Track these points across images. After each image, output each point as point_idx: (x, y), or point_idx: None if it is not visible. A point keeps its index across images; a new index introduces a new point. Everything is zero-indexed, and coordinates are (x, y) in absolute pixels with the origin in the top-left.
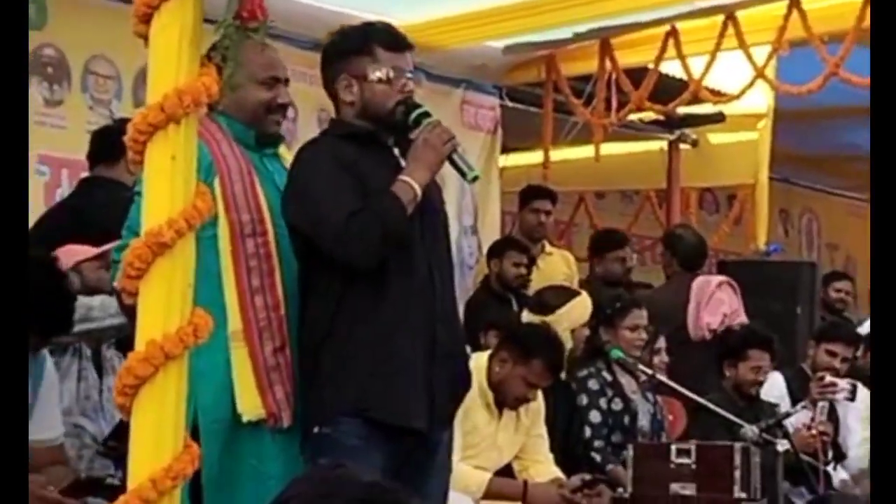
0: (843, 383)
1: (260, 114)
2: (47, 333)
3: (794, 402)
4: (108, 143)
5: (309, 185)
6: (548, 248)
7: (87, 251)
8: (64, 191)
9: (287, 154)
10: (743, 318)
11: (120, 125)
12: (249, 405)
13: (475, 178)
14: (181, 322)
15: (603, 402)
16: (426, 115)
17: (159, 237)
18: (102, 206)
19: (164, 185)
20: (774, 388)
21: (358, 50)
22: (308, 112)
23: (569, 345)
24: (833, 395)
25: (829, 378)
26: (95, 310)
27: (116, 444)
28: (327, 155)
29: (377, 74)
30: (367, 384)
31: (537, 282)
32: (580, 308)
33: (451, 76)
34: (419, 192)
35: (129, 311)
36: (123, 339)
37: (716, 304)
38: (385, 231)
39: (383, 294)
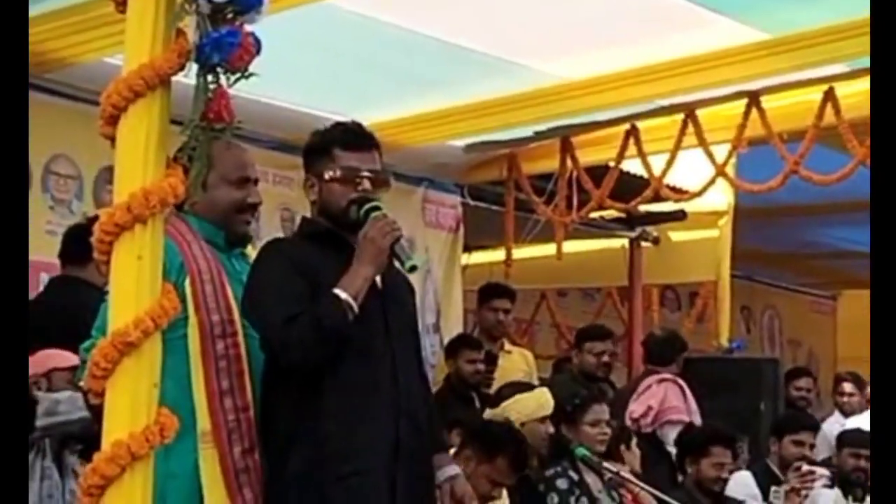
0: (822, 470)
1: (230, 213)
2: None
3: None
4: (79, 243)
5: (256, 286)
6: (507, 346)
7: (65, 359)
8: None
9: (253, 253)
10: (683, 416)
11: (91, 224)
12: None
13: (412, 269)
14: (147, 421)
15: (572, 501)
16: (375, 209)
17: (125, 336)
18: (72, 306)
19: (131, 284)
20: (746, 486)
21: (318, 150)
22: (270, 211)
23: None
24: (813, 482)
25: (806, 467)
26: (63, 403)
27: None
28: (279, 255)
29: (329, 174)
30: (330, 488)
31: (497, 380)
32: (528, 401)
33: (412, 174)
34: (350, 299)
35: (96, 412)
36: (87, 446)
37: (647, 397)
38: (321, 336)
39: (344, 392)
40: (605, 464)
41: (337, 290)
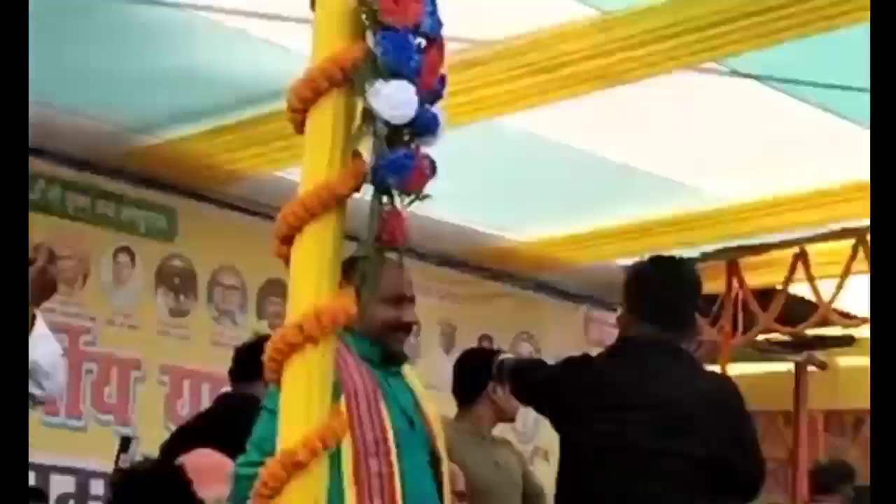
0: None
1: (385, 332)
2: None
3: None
4: (248, 361)
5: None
6: None
7: (219, 487)
8: (184, 402)
9: (410, 372)
10: None
11: (260, 342)
12: None
13: None
14: None
15: None
16: None
17: (294, 457)
18: (241, 423)
19: (301, 404)
20: None
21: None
22: (431, 325)
23: None
24: None
25: None
26: None
27: None
28: None
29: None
30: None
31: None
32: None
33: (575, 293)
34: None
35: None
36: None
37: None
38: None
39: None
40: None
41: None
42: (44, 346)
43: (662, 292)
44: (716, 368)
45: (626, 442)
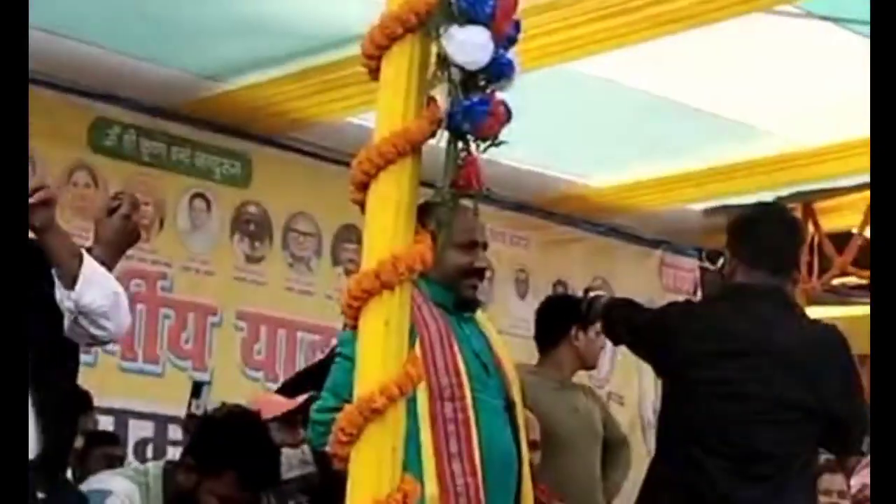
0: None
1: (457, 277)
2: (257, 488)
3: None
4: None
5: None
6: None
7: (286, 404)
8: (261, 348)
9: (483, 318)
10: None
11: None
12: None
13: None
14: (391, 489)
15: None
16: None
17: (371, 403)
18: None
19: (378, 350)
20: None
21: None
22: (504, 272)
23: None
24: None
25: None
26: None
27: None
28: None
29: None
30: None
31: None
32: None
33: (650, 237)
34: None
35: (339, 476)
36: (307, 490)
37: (867, 472)
38: None
39: None
40: None
41: None
42: (95, 289)
43: (770, 238)
44: None
45: (739, 389)
